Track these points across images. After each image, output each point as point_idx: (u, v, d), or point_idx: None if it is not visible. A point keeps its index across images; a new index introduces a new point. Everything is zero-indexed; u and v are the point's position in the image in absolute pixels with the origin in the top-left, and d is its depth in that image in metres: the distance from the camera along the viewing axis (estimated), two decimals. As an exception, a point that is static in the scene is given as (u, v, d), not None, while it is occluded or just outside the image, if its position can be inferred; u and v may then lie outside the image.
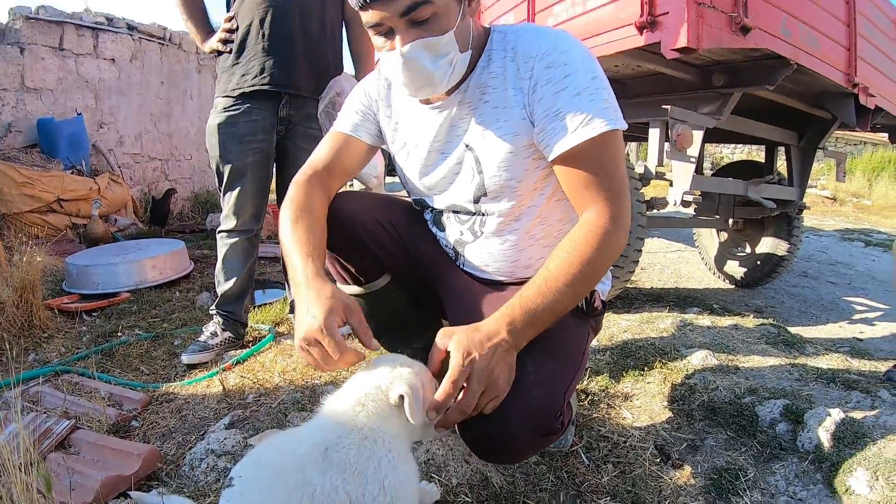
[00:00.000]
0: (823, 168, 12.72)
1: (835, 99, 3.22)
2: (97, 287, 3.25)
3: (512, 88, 1.18)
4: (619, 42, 2.65)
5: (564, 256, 1.08)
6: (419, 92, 1.17)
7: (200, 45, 2.38)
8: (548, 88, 1.12)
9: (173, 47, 7.02)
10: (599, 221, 1.10)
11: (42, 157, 5.08)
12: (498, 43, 1.22)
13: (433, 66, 1.11)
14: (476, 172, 1.25)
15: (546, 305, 1.05)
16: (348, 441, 0.92)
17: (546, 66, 1.13)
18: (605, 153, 1.12)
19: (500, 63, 1.20)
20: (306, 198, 1.27)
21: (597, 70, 1.14)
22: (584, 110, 1.09)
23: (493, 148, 1.21)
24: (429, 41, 1.09)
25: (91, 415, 1.81)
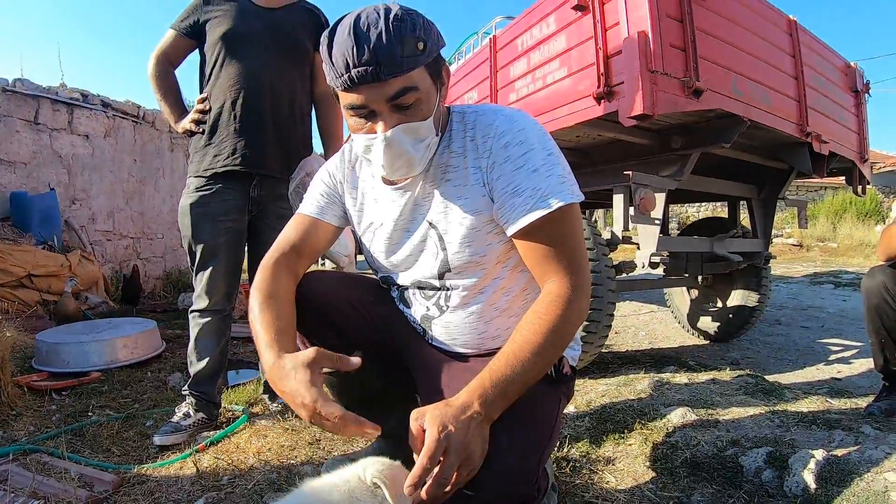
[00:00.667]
0: (787, 217, 13.10)
1: (790, 149, 3.36)
2: (67, 365, 3.16)
3: (472, 167, 1.22)
4: (578, 113, 2.76)
5: (530, 327, 1.09)
6: (395, 173, 1.20)
7: (174, 124, 2.43)
8: (506, 166, 1.17)
9: (147, 125, 7.09)
10: (561, 291, 1.13)
11: (14, 231, 5.03)
12: (458, 123, 1.27)
13: (413, 151, 1.15)
14: (440, 249, 1.28)
15: (515, 376, 1.05)
16: None
17: (503, 144, 1.18)
18: (563, 226, 1.15)
19: (461, 143, 1.24)
20: (273, 282, 1.28)
21: (552, 147, 1.19)
22: (542, 186, 1.13)
23: (456, 225, 1.24)
24: (412, 126, 1.12)
25: (61, 496, 1.73)
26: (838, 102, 3.63)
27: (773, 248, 3.99)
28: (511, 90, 3.36)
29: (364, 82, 1.06)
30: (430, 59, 1.12)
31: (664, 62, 2.42)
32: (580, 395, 2.67)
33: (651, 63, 2.38)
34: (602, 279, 2.87)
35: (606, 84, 2.55)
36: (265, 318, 1.19)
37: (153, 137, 7.24)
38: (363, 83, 1.06)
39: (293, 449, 2.14)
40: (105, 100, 6.43)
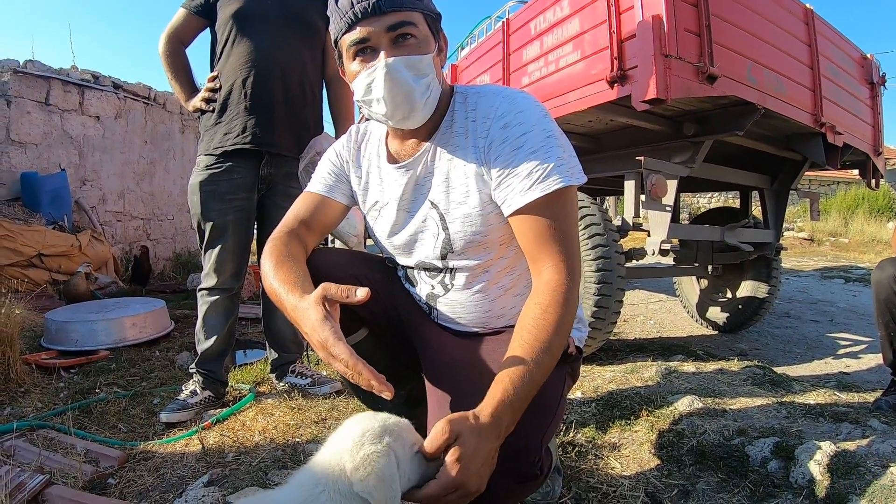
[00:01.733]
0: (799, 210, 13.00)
1: (804, 140, 3.31)
2: (76, 344, 3.19)
3: (472, 147, 1.22)
4: (591, 97, 2.74)
5: (535, 324, 1.08)
6: (396, 111, 1.18)
7: (184, 103, 2.43)
8: (504, 147, 1.16)
9: (157, 107, 7.11)
10: (560, 278, 1.12)
11: (24, 212, 5.07)
12: (460, 104, 1.27)
13: (414, 83, 1.15)
14: (441, 229, 1.28)
15: (531, 382, 1.04)
16: None
17: (502, 126, 1.17)
18: (560, 209, 1.14)
19: (462, 123, 1.24)
20: (285, 247, 1.28)
21: (552, 128, 1.17)
22: (540, 168, 1.12)
23: (457, 205, 1.24)
24: (411, 58, 1.14)
25: (66, 471, 1.76)
26: (853, 94, 3.58)
27: (784, 242, 3.94)
28: (524, 73, 3.34)
29: (366, 16, 1.11)
30: (427, 9, 1.18)
31: (678, 47, 2.38)
32: (587, 380, 2.66)
33: (665, 47, 2.35)
34: (612, 265, 2.85)
35: (620, 68, 2.52)
36: (281, 273, 1.19)
37: (164, 119, 7.27)
38: (365, 17, 1.12)
39: (299, 427, 2.14)
40: (116, 81, 6.45)
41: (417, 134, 1.28)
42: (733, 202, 8.66)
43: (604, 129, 3.37)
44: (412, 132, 1.27)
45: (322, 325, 1.01)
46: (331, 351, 1.00)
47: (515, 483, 1.07)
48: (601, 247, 2.84)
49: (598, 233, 2.87)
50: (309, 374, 2.60)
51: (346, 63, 1.21)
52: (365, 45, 1.15)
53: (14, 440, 1.97)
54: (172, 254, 7.40)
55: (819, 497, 1.46)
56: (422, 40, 1.16)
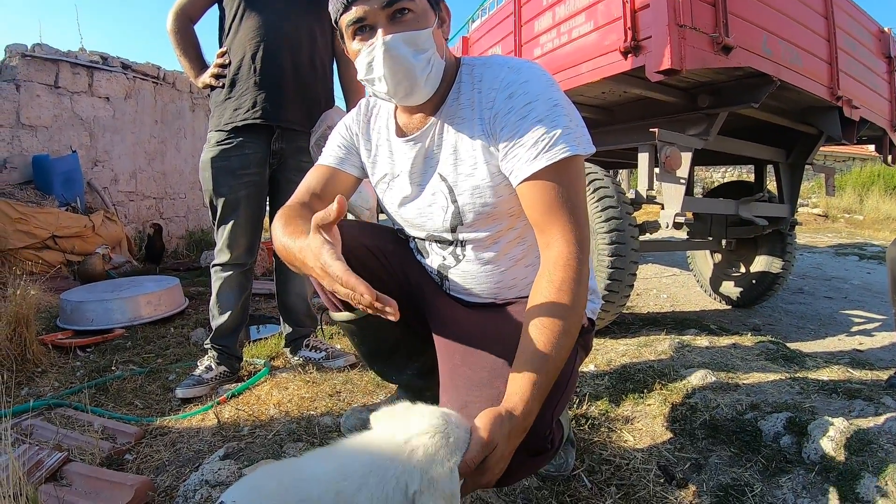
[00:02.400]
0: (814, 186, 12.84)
1: (820, 113, 3.27)
2: (91, 323, 3.23)
3: (478, 119, 1.21)
4: (604, 68, 2.70)
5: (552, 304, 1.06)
6: (398, 88, 1.18)
7: (194, 80, 2.42)
8: (509, 117, 1.15)
9: (167, 86, 7.10)
10: (570, 249, 1.10)
11: (37, 194, 5.09)
12: (466, 75, 1.26)
13: (414, 59, 1.14)
14: (450, 202, 1.27)
15: (555, 367, 1.04)
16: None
17: (507, 96, 1.16)
18: (567, 178, 1.13)
19: (469, 94, 1.23)
20: (292, 213, 1.27)
21: (558, 98, 1.16)
22: (546, 137, 1.11)
23: (465, 177, 1.24)
24: (409, 34, 1.13)
25: (84, 448, 1.78)
26: (871, 68, 3.52)
27: (798, 217, 3.91)
28: (536, 45, 3.29)
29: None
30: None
31: (693, 16, 2.34)
32: (600, 354, 2.66)
33: (680, 17, 2.31)
34: (625, 238, 2.83)
35: (633, 38, 2.48)
36: (290, 229, 1.17)
37: (174, 98, 7.27)
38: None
39: (313, 400, 2.16)
40: (125, 62, 6.43)
41: (424, 108, 1.28)
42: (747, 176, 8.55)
43: (617, 101, 3.32)
44: (419, 106, 1.27)
45: (320, 249, 0.98)
46: (328, 271, 0.96)
47: (527, 456, 1.07)
48: (615, 219, 2.82)
49: (612, 205, 2.85)
50: (323, 348, 2.62)
51: (348, 42, 1.20)
52: (363, 24, 1.14)
53: (32, 419, 2.00)
54: (185, 232, 7.44)
55: (831, 473, 1.46)
56: (420, 14, 1.15)
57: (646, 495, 1.56)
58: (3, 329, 2.53)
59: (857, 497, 1.36)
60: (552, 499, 1.53)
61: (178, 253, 6.81)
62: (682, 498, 1.54)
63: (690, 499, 1.54)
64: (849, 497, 1.37)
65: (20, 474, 1.11)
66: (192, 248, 6.95)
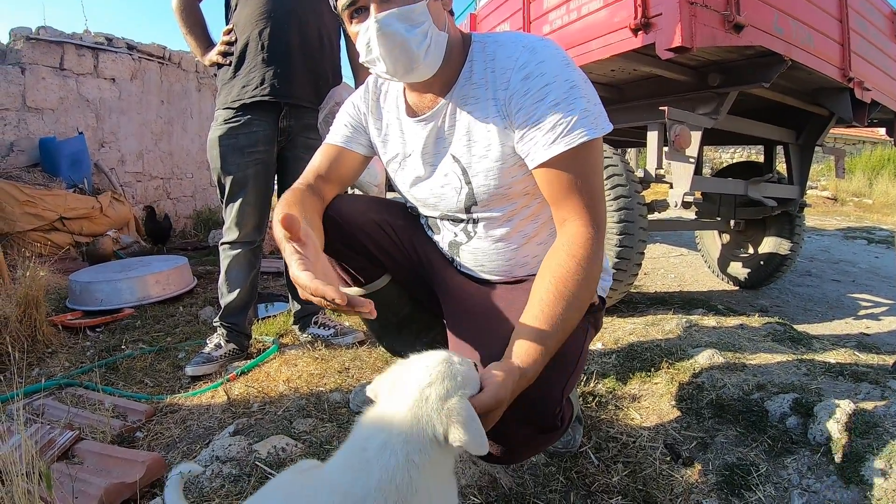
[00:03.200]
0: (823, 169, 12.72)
1: (830, 95, 3.23)
2: (100, 303, 3.25)
3: (492, 99, 1.19)
4: (614, 45, 2.66)
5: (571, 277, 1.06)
6: (397, 65, 1.16)
7: (201, 58, 2.41)
8: (525, 100, 1.13)
9: (173, 66, 7.08)
10: (587, 231, 1.10)
11: (44, 177, 5.10)
12: (478, 53, 1.23)
13: (408, 34, 1.12)
14: (464, 183, 1.26)
15: (556, 339, 1.04)
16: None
17: (523, 77, 1.14)
18: (585, 162, 1.12)
19: (482, 74, 1.21)
20: (296, 199, 1.28)
21: (575, 78, 1.13)
22: (564, 121, 1.09)
23: (479, 158, 1.22)
24: (402, 9, 1.11)
25: (95, 426, 1.80)
26: (883, 50, 3.47)
27: (807, 200, 3.88)
28: (545, 22, 3.24)
29: None
30: None
31: (704, -7, 2.30)
32: (608, 332, 2.67)
33: (691, -6, 2.27)
34: (634, 217, 2.82)
35: (644, 15, 2.44)
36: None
37: (180, 78, 7.25)
38: None
39: (322, 377, 2.18)
40: (130, 43, 6.41)
41: (434, 87, 1.25)
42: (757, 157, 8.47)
43: (627, 79, 3.30)
44: (428, 85, 1.25)
45: (290, 261, 0.98)
46: (297, 283, 0.95)
47: (537, 433, 1.07)
48: (623, 198, 2.81)
49: (621, 184, 2.84)
50: (332, 325, 2.63)
51: (348, 27, 1.19)
52: (357, 6, 1.14)
53: (43, 399, 2.03)
54: (193, 211, 7.46)
55: (836, 455, 1.46)
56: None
57: (652, 473, 1.57)
58: (13, 311, 2.55)
59: (861, 479, 1.36)
60: (559, 475, 1.54)
61: (185, 232, 6.84)
62: (688, 476, 1.55)
63: (696, 477, 1.55)
64: (853, 479, 1.37)
65: (33, 453, 1.12)
66: (199, 228, 6.97)
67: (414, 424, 0.84)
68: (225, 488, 1.44)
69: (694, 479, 1.54)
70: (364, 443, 0.85)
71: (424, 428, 0.83)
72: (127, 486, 1.43)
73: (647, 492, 1.49)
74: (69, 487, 1.38)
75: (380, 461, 0.81)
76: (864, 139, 15.67)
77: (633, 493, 1.48)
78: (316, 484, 0.88)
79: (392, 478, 0.79)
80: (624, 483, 1.52)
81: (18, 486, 1.05)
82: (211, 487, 1.45)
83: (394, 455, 0.81)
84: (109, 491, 1.40)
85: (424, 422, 0.84)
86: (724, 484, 1.49)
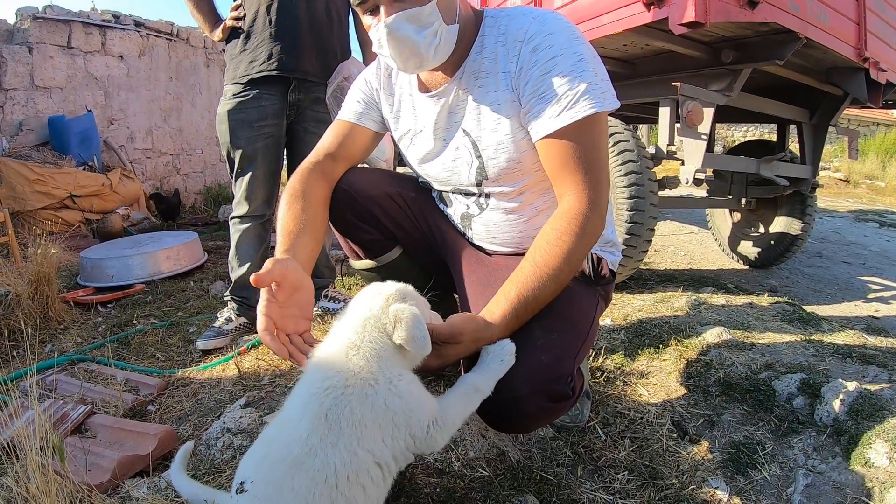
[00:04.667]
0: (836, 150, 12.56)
1: (845, 74, 3.17)
2: (112, 280, 3.28)
3: (502, 72, 1.19)
4: (626, 20, 2.62)
5: (549, 249, 1.10)
6: (407, 64, 1.18)
7: (209, 34, 2.40)
8: (533, 71, 1.13)
9: (181, 42, 7.06)
10: (580, 207, 1.12)
11: (54, 155, 5.12)
12: (490, 28, 1.23)
13: (418, 37, 1.13)
14: (475, 157, 1.27)
15: (534, 297, 1.09)
16: (346, 397, 0.88)
17: (532, 48, 1.14)
18: (588, 136, 1.12)
19: (492, 48, 1.21)
20: (302, 184, 1.30)
21: (583, 51, 1.13)
22: (570, 93, 1.10)
23: (489, 132, 1.23)
24: (411, 12, 1.11)
25: (107, 400, 1.83)
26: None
27: (819, 181, 3.83)
28: (556, -6, 3.19)
29: None
30: None
31: (719, -32, 2.26)
32: (617, 308, 2.67)
33: (706, -32, 2.23)
34: (644, 192, 2.81)
35: (657, -11, 2.40)
36: (286, 218, 1.23)
37: (188, 54, 7.24)
38: None
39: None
40: (137, 19, 6.39)
41: (446, 69, 1.26)
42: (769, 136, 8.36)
43: (639, 54, 3.25)
44: (440, 67, 1.25)
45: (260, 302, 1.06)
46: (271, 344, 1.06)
47: (548, 401, 1.08)
48: (634, 174, 2.80)
49: (632, 159, 2.82)
50: (342, 299, 2.65)
51: (362, 18, 1.20)
52: (367, 5, 1.14)
53: (56, 374, 2.05)
54: (203, 187, 7.50)
55: (842, 436, 1.46)
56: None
57: (658, 449, 1.58)
58: (25, 288, 2.58)
59: (867, 461, 1.37)
60: (566, 449, 1.56)
61: (195, 208, 6.87)
62: (695, 453, 1.56)
63: (702, 454, 1.56)
64: (859, 461, 1.38)
65: (46, 427, 1.14)
66: (209, 204, 7.00)
67: (362, 327, 0.94)
68: (236, 459, 1.46)
69: (700, 457, 1.55)
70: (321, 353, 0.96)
71: (374, 327, 0.94)
72: (139, 459, 1.45)
73: (653, 468, 1.50)
74: (82, 460, 1.40)
75: (344, 362, 0.91)
76: (879, 121, 15.43)
77: (639, 468, 1.49)
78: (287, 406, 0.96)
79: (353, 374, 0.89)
80: (630, 458, 1.54)
81: (32, 459, 1.07)
82: (222, 459, 1.47)
83: (358, 353, 0.91)
84: (122, 463, 1.42)
85: (372, 323, 0.94)
86: (729, 462, 1.51)
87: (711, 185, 4.13)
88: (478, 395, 1.02)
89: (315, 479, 0.82)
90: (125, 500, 1.31)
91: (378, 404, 0.88)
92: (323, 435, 0.85)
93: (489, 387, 1.02)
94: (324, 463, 0.83)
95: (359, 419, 0.86)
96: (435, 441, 0.95)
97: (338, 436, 0.85)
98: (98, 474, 1.38)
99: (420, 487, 1.30)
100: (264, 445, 0.91)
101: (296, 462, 0.83)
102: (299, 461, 0.83)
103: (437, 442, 0.95)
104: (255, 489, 0.84)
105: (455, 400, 1.00)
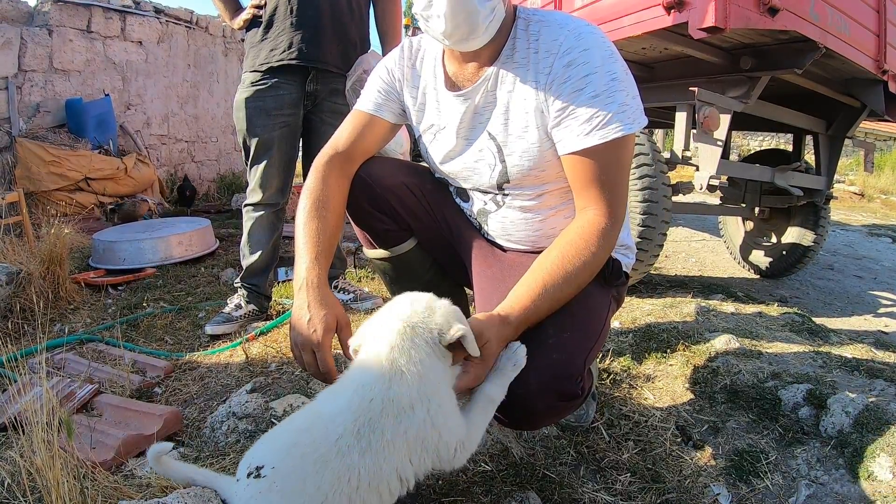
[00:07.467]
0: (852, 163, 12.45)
1: (864, 86, 3.17)
2: (123, 262, 3.30)
3: (532, 81, 1.18)
4: (646, 23, 2.61)
5: (567, 257, 1.11)
6: (455, 32, 1.11)
7: (229, 22, 2.41)
8: (566, 87, 1.13)
9: (200, 31, 7.09)
10: (601, 223, 1.14)
11: (70, 137, 5.15)
12: (522, 31, 1.21)
13: (479, 4, 1.09)
14: (498, 161, 1.26)
15: (545, 305, 1.09)
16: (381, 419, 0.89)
17: (566, 64, 1.13)
18: (615, 156, 1.13)
19: (524, 53, 1.19)
20: (323, 187, 1.29)
21: (617, 70, 1.13)
22: (601, 114, 1.10)
23: (515, 138, 1.22)
24: None
25: (115, 381, 1.84)
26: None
27: (834, 193, 3.81)
28: (577, -5, 3.18)
29: None
30: None
31: (740, -26, 2.25)
32: (625, 311, 2.67)
33: (726, -26, 2.22)
34: (658, 197, 2.81)
35: (677, -7, 2.40)
36: (310, 229, 1.22)
37: (207, 43, 7.26)
38: None
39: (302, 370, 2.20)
40: (157, 6, 6.42)
41: (478, 57, 1.23)
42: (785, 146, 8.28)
43: (657, 58, 3.23)
44: (472, 55, 1.22)
45: (328, 335, 1.08)
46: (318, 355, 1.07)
47: (557, 400, 1.08)
48: (648, 178, 2.80)
49: (647, 163, 2.83)
50: (351, 290, 2.65)
51: None
52: None
53: (65, 353, 2.07)
54: (217, 175, 7.53)
55: (847, 449, 1.45)
56: None
57: (662, 453, 1.58)
58: (37, 267, 2.60)
59: (870, 475, 1.36)
60: (570, 448, 1.56)
61: (209, 196, 6.91)
62: (698, 458, 1.56)
63: (705, 460, 1.56)
64: (862, 474, 1.37)
65: (53, 404, 1.15)
66: (223, 192, 7.04)
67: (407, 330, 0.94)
68: (240, 443, 1.47)
69: (703, 462, 1.55)
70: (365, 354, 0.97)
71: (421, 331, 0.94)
72: (144, 438, 1.47)
73: (655, 471, 1.50)
74: (87, 438, 1.42)
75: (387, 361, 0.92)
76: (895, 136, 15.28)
77: (641, 471, 1.49)
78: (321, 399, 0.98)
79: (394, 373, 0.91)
80: (633, 461, 1.54)
81: (38, 434, 1.08)
82: (227, 442, 1.48)
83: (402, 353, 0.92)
84: (127, 442, 1.44)
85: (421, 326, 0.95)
86: (732, 469, 1.50)
87: (725, 192, 4.12)
88: (493, 406, 1.03)
89: (339, 477, 0.85)
90: (128, 478, 1.33)
91: (411, 432, 0.90)
92: (351, 444, 0.87)
93: (503, 394, 1.03)
94: (350, 466, 0.86)
95: (389, 440, 0.88)
96: (459, 461, 0.97)
97: (367, 448, 0.87)
98: (102, 452, 1.40)
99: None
100: (292, 434, 0.92)
101: (322, 459, 0.85)
102: (326, 459, 0.85)
103: (461, 461, 0.97)
104: (275, 476, 0.85)
105: (477, 418, 1.01)
